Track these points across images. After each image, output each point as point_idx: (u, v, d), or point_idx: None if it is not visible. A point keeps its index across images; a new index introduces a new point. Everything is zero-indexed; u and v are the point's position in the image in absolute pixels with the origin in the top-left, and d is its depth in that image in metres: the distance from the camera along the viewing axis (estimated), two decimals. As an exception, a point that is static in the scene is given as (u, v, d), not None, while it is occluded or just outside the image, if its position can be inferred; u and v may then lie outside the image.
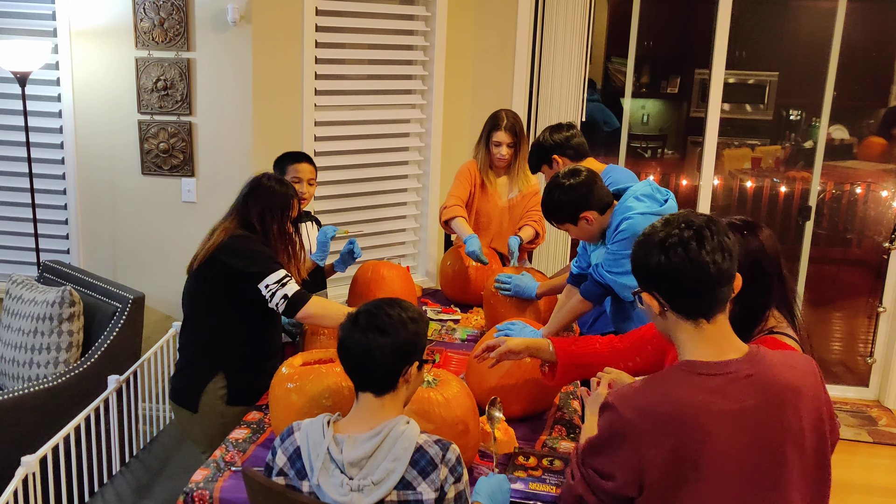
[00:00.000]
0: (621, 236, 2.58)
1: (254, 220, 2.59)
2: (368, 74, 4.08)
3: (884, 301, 4.58)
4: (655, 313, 1.60)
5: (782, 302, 1.87)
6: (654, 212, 2.58)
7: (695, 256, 1.51)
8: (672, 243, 1.53)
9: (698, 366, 1.54)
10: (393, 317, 1.73)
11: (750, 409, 1.52)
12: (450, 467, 1.69)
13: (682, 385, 1.53)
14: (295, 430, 1.76)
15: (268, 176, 2.68)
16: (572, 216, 2.64)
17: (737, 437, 1.51)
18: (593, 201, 2.63)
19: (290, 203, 2.65)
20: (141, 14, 3.55)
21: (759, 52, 5.59)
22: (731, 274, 1.56)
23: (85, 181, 3.78)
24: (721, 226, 1.56)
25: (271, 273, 2.49)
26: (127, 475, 2.89)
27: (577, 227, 2.67)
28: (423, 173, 4.30)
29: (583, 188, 2.61)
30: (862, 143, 5.36)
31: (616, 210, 2.64)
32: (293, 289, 2.50)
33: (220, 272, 2.51)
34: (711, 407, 1.50)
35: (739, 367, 1.54)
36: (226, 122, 3.65)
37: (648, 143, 6.51)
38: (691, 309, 1.56)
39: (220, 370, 2.56)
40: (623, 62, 4.71)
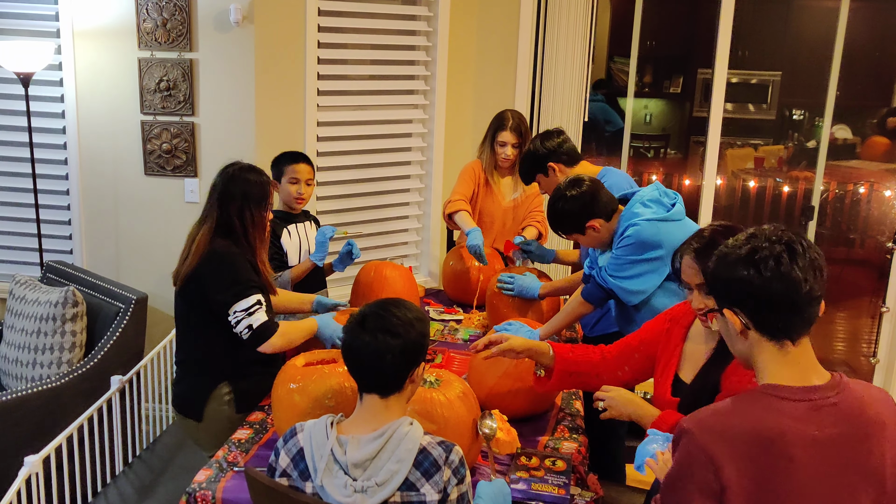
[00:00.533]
0: (626, 242, 2.59)
1: (233, 217, 2.52)
2: (371, 75, 4.08)
3: (887, 301, 4.57)
4: (736, 333, 1.51)
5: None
6: (660, 217, 2.59)
7: (787, 272, 1.42)
8: (763, 257, 1.43)
9: (782, 390, 1.45)
10: (401, 318, 1.73)
11: (834, 438, 1.43)
12: (453, 469, 1.68)
13: (765, 409, 1.44)
14: (298, 430, 1.76)
15: (239, 167, 2.59)
16: (579, 226, 2.66)
17: (820, 468, 1.42)
18: (598, 209, 2.64)
19: (267, 191, 2.59)
20: (144, 15, 3.56)
21: (761, 52, 5.59)
22: (821, 294, 1.46)
23: (88, 182, 3.79)
24: (811, 242, 1.47)
25: (241, 299, 2.43)
26: (130, 475, 2.90)
27: (586, 236, 2.68)
28: (426, 173, 4.30)
29: (586, 197, 2.62)
30: (865, 142, 5.36)
31: (623, 216, 2.64)
32: (259, 319, 2.44)
33: (200, 294, 2.48)
34: (794, 432, 1.41)
35: (825, 393, 1.46)
36: (228, 122, 3.65)
37: (651, 142, 6.51)
38: (777, 329, 1.46)
39: (224, 379, 2.54)
40: (626, 62, 4.71)
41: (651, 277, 2.61)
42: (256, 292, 2.47)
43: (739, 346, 1.53)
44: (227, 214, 2.53)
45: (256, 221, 2.55)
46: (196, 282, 2.47)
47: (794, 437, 1.41)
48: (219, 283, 2.45)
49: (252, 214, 2.54)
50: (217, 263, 2.47)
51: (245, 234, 2.54)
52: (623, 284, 2.62)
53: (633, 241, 2.57)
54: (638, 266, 2.60)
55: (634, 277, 2.61)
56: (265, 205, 2.58)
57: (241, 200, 2.53)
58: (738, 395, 1.50)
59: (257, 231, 2.56)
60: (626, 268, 2.60)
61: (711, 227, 2.01)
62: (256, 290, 2.47)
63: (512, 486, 2.04)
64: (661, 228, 2.57)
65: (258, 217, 2.56)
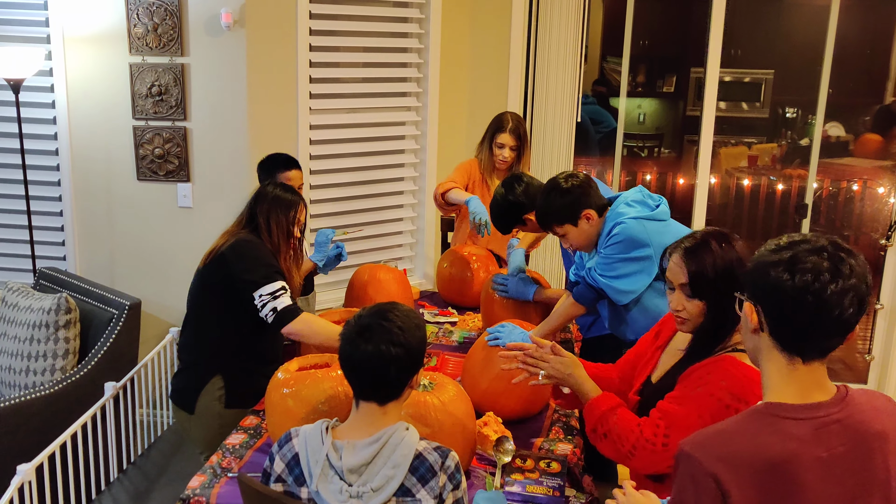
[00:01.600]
0: (614, 240, 2.59)
1: (260, 219, 2.63)
2: (363, 77, 4.07)
3: (881, 298, 4.57)
4: (751, 327, 1.45)
5: None
6: (645, 216, 2.60)
7: (822, 289, 1.32)
8: (804, 267, 1.34)
9: (786, 409, 1.38)
10: (402, 326, 1.72)
11: (840, 458, 1.37)
12: (448, 474, 1.68)
13: (771, 432, 1.37)
14: (293, 436, 1.75)
15: (273, 184, 2.73)
16: (573, 215, 2.65)
17: (828, 489, 1.36)
18: (593, 200, 2.65)
19: (296, 205, 2.68)
20: (134, 20, 3.55)
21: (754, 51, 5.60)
22: (852, 326, 1.36)
23: (80, 187, 3.77)
24: (863, 267, 1.36)
25: (268, 283, 2.52)
26: (125, 482, 2.89)
27: (577, 227, 2.67)
28: (420, 175, 4.29)
29: (584, 186, 2.64)
30: (858, 140, 5.37)
31: (608, 216, 2.65)
32: (284, 303, 2.52)
33: (222, 275, 2.55)
34: (802, 455, 1.35)
35: (829, 410, 1.39)
36: (221, 126, 3.64)
37: (645, 142, 6.51)
38: (790, 343, 1.40)
39: (218, 372, 2.58)
40: (619, 62, 4.71)
41: (640, 277, 2.61)
42: (280, 278, 2.55)
43: (750, 343, 1.49)
44: (254, 218, 2.65)
45: (282, 226, 2.64)
46: (220, 263, 2.55)
47: (801, 460, 1.35)
48: (247, 265, 2.53)
49: (278, 218, 2.63)
50: (245, 248, 2.57)
51: (269, 234, 2.63)
52: (613, 284, 2.63)
53: (622, 240, 2.57)
54: (627, 265, 2.60)
55: (624, 277, 2.62)
56: (292, 216, 2.66)
57: (268, 204, 2.64)
58: (740, 415, 1.44)
59: (281, 235, 2.64)
60: (615, 267, 2.61)
61: (705, 231, 2.01)
62: (280, 277, 2.56)
63: (506, 489, 2.04)
64: (647, 227, 2.58)
65: (283, 223, 2.64)
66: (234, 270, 2.53)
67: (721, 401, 1.77)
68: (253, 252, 2.57)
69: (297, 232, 2.69)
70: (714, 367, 1.82)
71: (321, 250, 3.16)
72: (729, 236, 1.93)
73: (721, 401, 1.77)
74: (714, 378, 1.82)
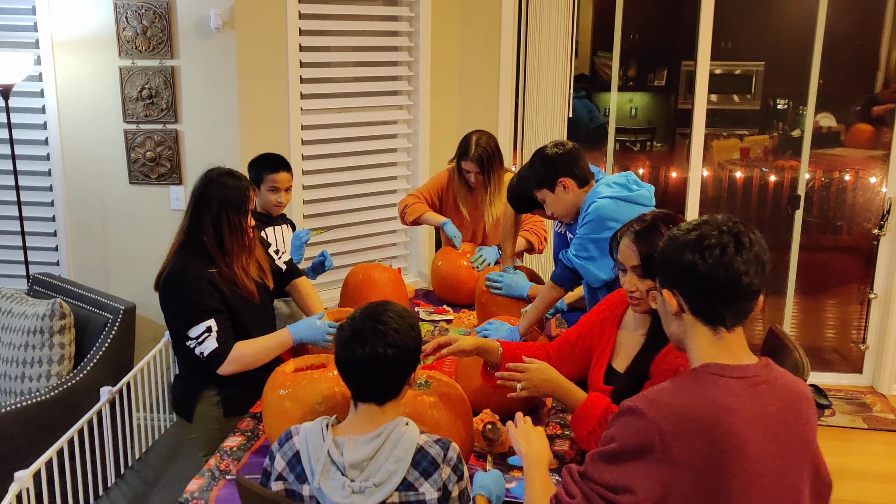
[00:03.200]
0: (588, 219, 2.60)
1: (207, 222, 2.47)
2: (354, 77, 4.07)
3: (875, 287, 4.59)
4: (671, 313, 1.53)
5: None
6: (622, 196, 2.60)
7: (729, 262, 1.44)
8: (710, 244, 1.45)
9: (720, 368, 1.47)
10: (397, 327, 1.72)
11: (774, 416, 1.46)
12: (452, 466, 1.69)
13: (710, 387, 1.45)
14: (293, 434, 1.75)
15: (217, 172, 2.55)
16: (550, 181, 2.66)
17: (765, 445, 1.44)
18: (575, 170, 2.67)
19: (246, 195, 2.53)
20: (123, 23, 3.54)
21: (744, 43, 5.60)
22: (759, 289, 1.48)
23: (72, 192, 3.76)
24: (759, 236, 1.49)
25: (191, 328, 2.41)
26: (122, 486, 2.89)
27: (554, 194, 2.68)
28: (412, 174, 4.29)
29: (567, 155, 2.67)
30: (849, 130, 5.37)
31: (588, 195, 2.66)
32: (208, 348, 2.41)
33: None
34: (742, 409, 1.43)
35: (758, 372, 1.49)
36: (212, 128, 3.64)
37: (637, 136, 6.51)
38: (713, 316, 1.49)
39: (212, 382, 2.54)
40: (609, 56, 4.71)
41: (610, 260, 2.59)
42: (207, 317, 2.41)
43: (673, 328, 1.56)
44: (199, 220, 2.49)
45: (234, 227, 2.50)
46: (160, 297, 2.49)
47: (743, 413, 1.42)
48: (172, 310, 2.46)
49: (229, 220, 2.48)
50: (169, 288, 2.46)
51: (220, 241, 2.49)
52: (587, 264, 2.63)
53: (594, 218, 2.58)
54: (600, 245, 2.59)
55: (597, 258, 2.61)
56: (244, 210, 2.52)
57: (217, 206, 2.47)
58: (679, 377, 1.52)
59: (235, 237, 2.51)
60: (588, 247, 2.61)
61: (653, 213, 2.05)
62: (208, 315, 2.42)
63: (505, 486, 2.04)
64: (622, 207, 2.57)
65: (236, 222, 2.50)
66: (165, 315, 2.47)
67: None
68: (174, 293, 2.45)
69: (249, 225, 2.54)
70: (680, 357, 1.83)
71: (297, 253, 3.17)
72: (675, 218, 1.99)
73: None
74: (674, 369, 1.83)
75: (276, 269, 2.78)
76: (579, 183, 2.67)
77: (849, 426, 4.16)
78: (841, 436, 4.05)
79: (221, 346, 2.42)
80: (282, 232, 3.28)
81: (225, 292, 2.49)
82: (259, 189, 3.18)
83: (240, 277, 2.53)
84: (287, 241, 3.28)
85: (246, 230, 2.53)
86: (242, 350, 2.45)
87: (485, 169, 3.52)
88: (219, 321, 2.43)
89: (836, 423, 4.17)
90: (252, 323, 2.57)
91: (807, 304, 5.20)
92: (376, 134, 4.15)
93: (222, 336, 2.43)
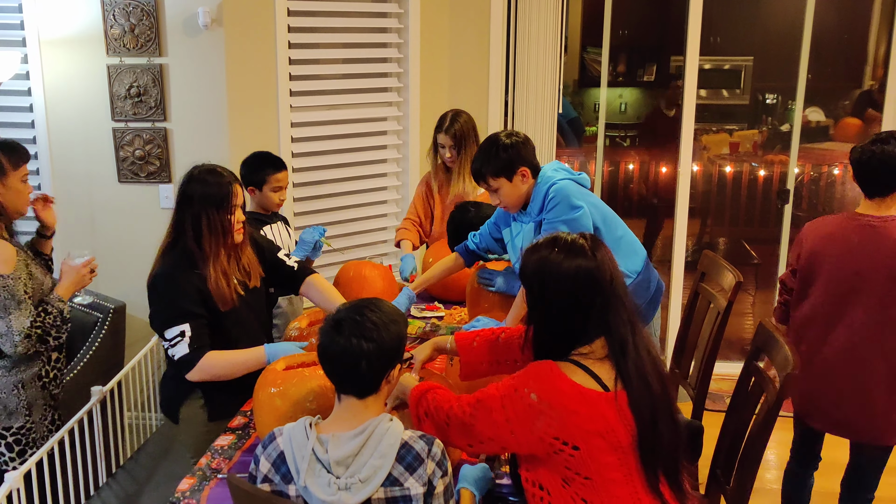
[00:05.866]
0: (553, 202, 2.64)
1: (187, 222, 2.41)
2: (344, 74, 4.06)
3: (864, 281, 4.60)
4: None
5: (608, 331, 1.78)
6: (573, 178, 2.71)
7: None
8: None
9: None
10: (376, 322, 1.72)
11: None
12: (437, 461, 1.70)
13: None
14: (277, 435, 1.76)
15: (199, 169, 2.47)
16: (511, 170, 2.70)
17: None
18: (533, 160, 2.75)
19: (227, 192, 2.43)
20: (111, 21, 3.52)
21: (733, 38, 5.63)
22: None
23: (61, 191, 3.74)
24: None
25: (167, 329, 2.36)
26: (114, 486, 2.88)
27: (512, 183, 2.71)
28: (402, 171, 4.29)
29: (523, 144, 2.73)
30: (838, 124, 5.41)
31: (539, 181, 2.71)
32: (179, 352, 2.36)
33: None
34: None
35: None
36: (201, 126, 3.62)
37: (627, 131, 6.53)
38: None
39: (198, 387, 2.48)
40: (599, 52, 4.72)
41: None
42: (183, 321, 2.36)
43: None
44: (181, 221, 2.43)
45: (214, 226, 2.41)
46: (149, 301, 2.45)
47: None
48: (153, 310, 2.42)
49: (209, 219, 2.40)
50: (152, 289, 2.42)
51: (198, 241, 2.41)
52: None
53: (561, 199, 2.63)
54: (571, 226, 2.60)
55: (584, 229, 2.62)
56: (227, 207, 2.42)
57: (198, 204, 2.40)
58: None
59: (215, 236, 2.41)
60: (561, 229, 2.58)
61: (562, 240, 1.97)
62: (183, 319, 2.36)
63: (496, 482, 2.04)
64: (578, 189, 2.68)
65: (217, 221, 2.41)
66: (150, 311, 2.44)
67: (523, 398, 1.75)
68: (155, 294, 2.40)
69: (235, 221, 2.45)
70: (533, 368, 1.81)
71: (303, 249, 3.13)
72: (578, 249, 1.86)
73: (523, 398, 1.75)
74: (525, 376, 1.80)
75: (287, 269, 2.74)
76: (534, 173, 2.73)
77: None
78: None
79: (192, 352, 2.36)
80: (278, 230, 3.27)
81: (209, 295, 2.44)
82: (260, 189, 3.17)
83: (216, 280, 2.43)
84: (284, 238, 3.27)
85: (228, 229, 2.44)
86: (212, 361, 2.39)
87: (456, 140, 3.55)
88: (194, 326, 2.37)
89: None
90: (236, 325, 2.51)
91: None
92: (366, 131, 4.14)
93: (195, 342, 2.37)
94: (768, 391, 2.24)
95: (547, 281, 1.79)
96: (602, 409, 1.70)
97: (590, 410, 1.69)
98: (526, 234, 2.78)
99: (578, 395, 1.70)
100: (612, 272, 1.79)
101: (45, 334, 2.61)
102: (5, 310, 2.51)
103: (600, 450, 1.70)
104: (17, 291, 2.52)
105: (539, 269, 1.81)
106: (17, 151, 2.68)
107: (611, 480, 1.71)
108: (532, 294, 1.84)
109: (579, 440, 1.70)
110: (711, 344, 2.90)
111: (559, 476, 1.74)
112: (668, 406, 1.78)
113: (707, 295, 3.05)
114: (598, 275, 1.77)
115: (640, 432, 1.72)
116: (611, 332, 1.77)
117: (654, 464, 1.74)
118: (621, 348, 1.76)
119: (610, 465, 1.71)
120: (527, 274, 1.84)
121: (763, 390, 2.29)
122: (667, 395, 1.79)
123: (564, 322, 1.79)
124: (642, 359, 1.76)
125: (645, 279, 2.81)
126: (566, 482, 1.74)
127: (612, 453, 1.71)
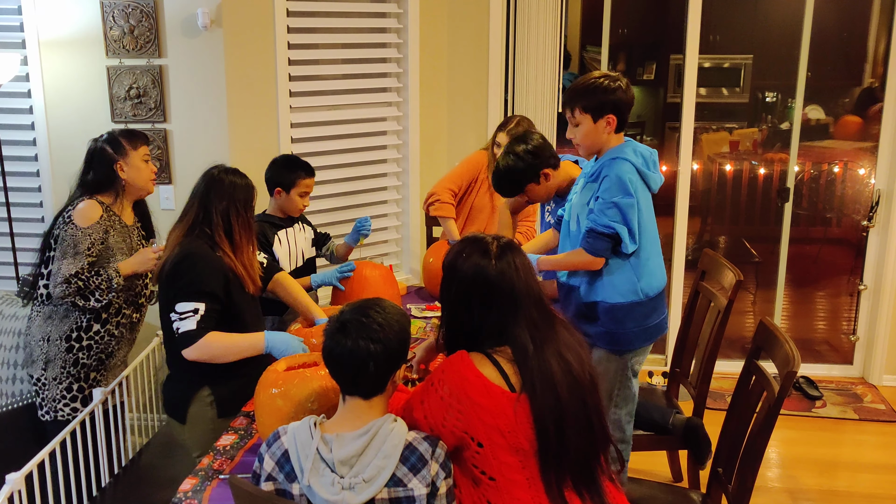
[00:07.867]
0: (610, 181, 2.50)
1: (217, 217, 2.51)
2: (343, 74, 4.06)
3: (864, 278, 4.61)
4: None
5: (508, 338, 1.80)
6: (640, 169, 2.57)
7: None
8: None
9: None
10: (382, 323, 1.73)
11: None
12: (440, 463, 1.70)
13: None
14: (281, 434, 1.76)
15: (222, 169, 2.59)
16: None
17: None
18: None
19: (252, 193, 2.60)
20: (110, 22, 3.52)
21: (732, 36, 5.61)
22: None
23: (61, 192, 3.73)
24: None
25: (182, 301, 2.41)
26: (116, 487, 2.88)
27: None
28: (403, 171, 4.29)
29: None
30: (838, 122, 5.39)
31: (610, 151, 2.58)
32: (186, 326, 2.40)
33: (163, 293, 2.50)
34: None
35: None
36: (201, 127, 3.62)
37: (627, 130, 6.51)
38: None
39: (205, 382, 2.53)
40: (598, 50, 4.71)
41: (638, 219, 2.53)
42: (200, 299, 2.41)
43: None
44: (208, 215, 2.52)
45: (243, 220, 2.55)
46: (165, 276, 2.47)
47: None
48: (173, 283, 2.44)
49: (238, 215, 2.53)
50: (180, 262, 2.45)
51: (230, 233, 2.52)
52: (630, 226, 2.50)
53: (615, 182, 2.48)
54: (623, 210, 2.49)
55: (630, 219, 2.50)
56: (252, 207, 2.59)
57: (227, 202, 2.52)
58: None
59: (244, 230, 2.55)
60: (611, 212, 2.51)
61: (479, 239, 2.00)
62: (201, 298, 2.42)
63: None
64: (637, 179, 2.54)
65: (243, 216, 2.55)
66: (162, 292, 2.48)
67: (437, 392, 1.80)
68: (184, 266, 2.44)
69: (254, 222, 2.62)
70: (447, 359, 1.84)
71: (355, 235, 3.38)
72: (487, 250, 1.89)
73: (437, 392, 1.80)
74: (439, 369, 1.83)
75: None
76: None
77: (840, 417, 4.18)
78: (832, 427, 4.07)
79: (198, 330, 2.41)
80: (294, 232, 3.32)
81: (231, 280, 2.51)
82: (288, 192, 3.21)
83: (246, 268, 2.56)
84: (299, 240, 3.33)
85: (252, 226, 2.59)
86: (212, 340, 2.43)
87: None
88: (209, 308, 2.43)
89: (827, 414, 4.19)
90: (249, 314, 2.60)
91: (797, 296, 5.23)
92: (366, 131, 4.14)
93: (203, 322, 2.42)
94: (769, 390, 2.25)
95: (452, 276, 1.86)
96: (504, 406, 1.72)
97: (491, 404, 1.72)
98: (579, 203, 2.64)
99: (483, 386, 1.73)
100: (514, 282, 1.80)
101: (86, 289, 2.76)
102: (63, 254, 2.75)
103: (501, 448, 1.72)
104: (79, 243, 2.76)
105: (449, 263, 1.88)
106: (134, 134, 2.97)
107: (513, 482, 1.73)
108: (441, 286, 1.90)
109: (483, 436, 1.72)
110: (712, 342, 2.90)
111: (469, 477, 1.78)
112: (581, 414, 1.76)
113: (707, 293, 3.05)
114: (496, 281, 1.80)
115: (540, 439, 1.72)
116: (509, 340, 1.79)
117: (558, 471, 1.73)
118: (522, 356, 1.77)
119: (512, 466, 1.73)
120: (443, 265, 1.91)
121: (764, 389, 2.29)
122: (581, 402, 1.77)
123: (461, 320, 1.85)
124: (549, 366, 1.75)
125: (649, 308, 2.61)
126: (475, 483, 1.77)
127: (514, 454, 1.73)
